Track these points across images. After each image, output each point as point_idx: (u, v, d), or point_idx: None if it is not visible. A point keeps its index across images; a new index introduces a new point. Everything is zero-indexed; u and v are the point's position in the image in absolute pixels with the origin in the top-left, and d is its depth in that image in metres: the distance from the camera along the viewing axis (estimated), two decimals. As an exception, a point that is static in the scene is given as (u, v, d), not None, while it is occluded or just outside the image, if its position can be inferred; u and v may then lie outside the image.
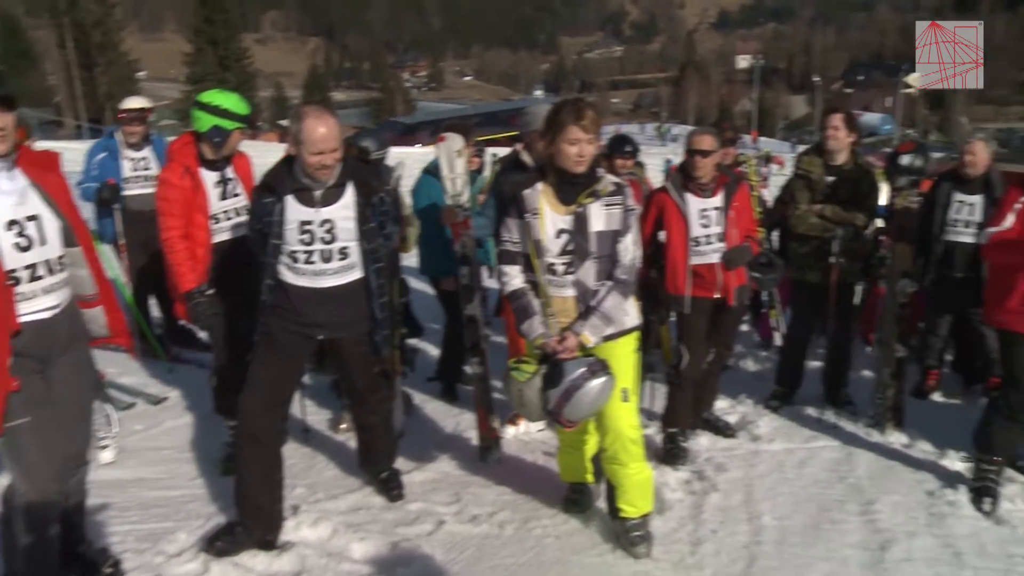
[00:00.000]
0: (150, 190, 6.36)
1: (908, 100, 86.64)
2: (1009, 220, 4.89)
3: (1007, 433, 5.01)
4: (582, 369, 3.87)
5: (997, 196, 5.95)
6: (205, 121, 4.81)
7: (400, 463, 5.11)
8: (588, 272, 4.01)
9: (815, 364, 6.90)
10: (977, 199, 6.45)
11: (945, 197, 6.64)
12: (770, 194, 10.63)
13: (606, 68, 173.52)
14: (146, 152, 7.28)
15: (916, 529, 4.71)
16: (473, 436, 5.62)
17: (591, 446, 4.54)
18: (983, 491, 5.02)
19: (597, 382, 3.86)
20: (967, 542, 4.60)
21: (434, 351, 7.05)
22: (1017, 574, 4.34)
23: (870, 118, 77.84)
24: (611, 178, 4.10)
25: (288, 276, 4.22)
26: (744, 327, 8.42)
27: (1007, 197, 5.00)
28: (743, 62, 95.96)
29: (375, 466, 4.96)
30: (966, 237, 6.41)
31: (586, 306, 4.02)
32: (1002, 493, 5.02)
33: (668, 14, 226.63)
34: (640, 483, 4.28)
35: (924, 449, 5.75)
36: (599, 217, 3.99)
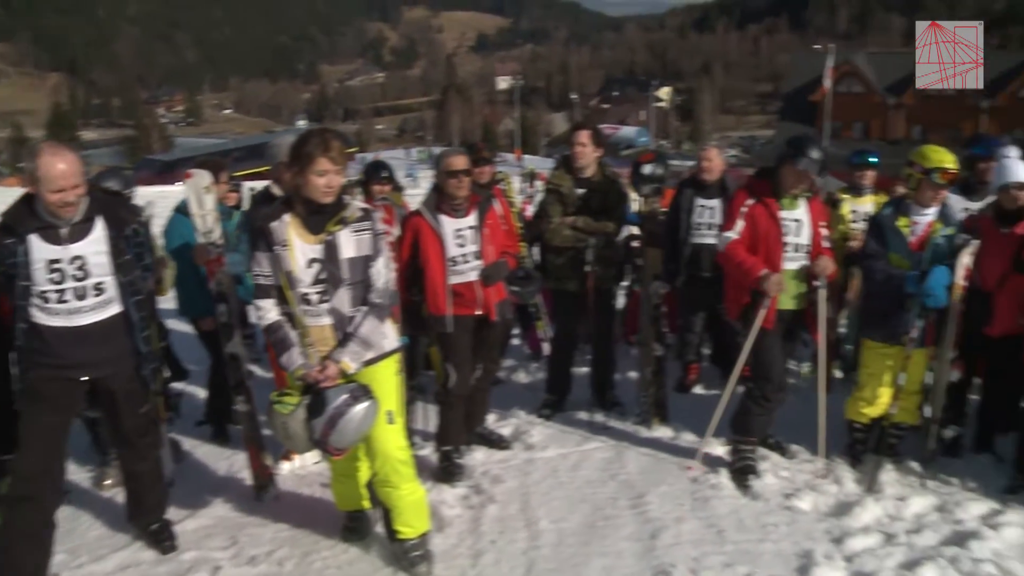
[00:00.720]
0: None
1: (660, 113, 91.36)
2: (739, 225, 5.28)
3: (763, 417, 5.46)
4: (344, 396, 3.86)
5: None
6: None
7: (171, 513, 4.89)
8: (343, 299, 4.00)
9: (583, 370, 7.14)
10: (716, 203, 6.87)
11: (688, 202, 7.04)
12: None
13: (369, 95, 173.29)
14: None
15: (683, 515, 5.00)
16: (247, 476, 5.46)
17: (364, 472, 4.51)
18: (744, 470, 5.43)
19: (360, 407, 3.87)
20: (728, 520, 4.95)
21: (201, 394, 6.80)
22: (771, 541, 4.71)
23: (626, 131, 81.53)
24: (358, 204, 4.12)
25: (41, 317, 4.04)
26: (515, 340, 8.63)
27: (735, 201, 5.40)
28: (503, 83, 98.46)
29: (145, 519, 4.73)
30: (710, 239, 6.74)
31: (344, 333, 4.02)
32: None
33: (427, 39, 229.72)
34: (414, 503, 4.30)
35: (688, 440, 6.08)
36: (349, 244, 4.00)
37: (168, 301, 6.12)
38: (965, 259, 5.24)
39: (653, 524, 4.88)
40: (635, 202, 6.82)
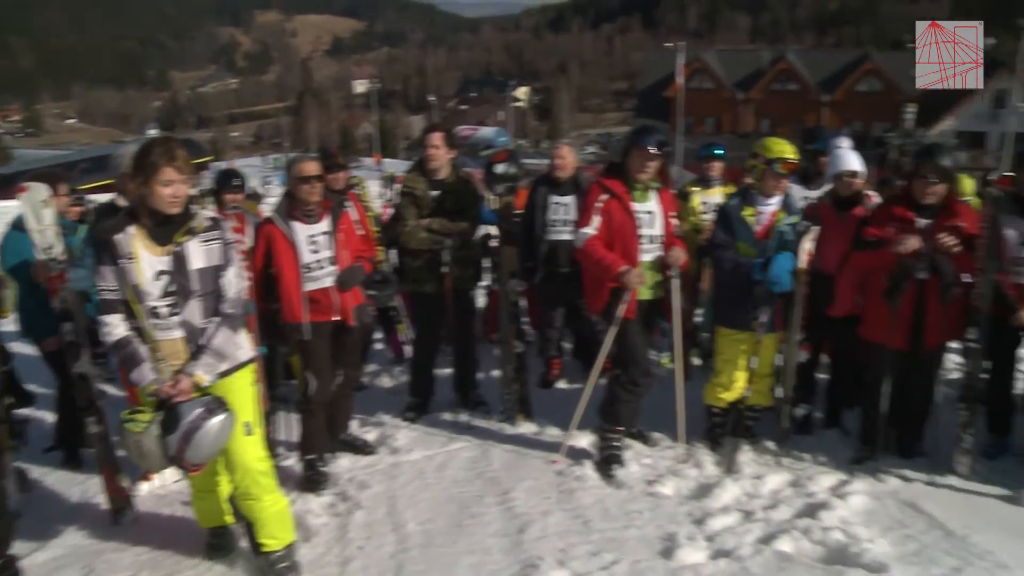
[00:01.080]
0: None
1: (519, 113, 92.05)
2: (595, 221, 5.40)
3: (632, 404, 5.60)
4: (199, 410, 3.78)
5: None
6: None
7: (18, 547, 4.64)
8: (193, 311, 3.92)
9: (446, 371, 7.15)
10: (570, 199, 6.99)
11: (543, 200, 7.14)
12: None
13: (222, 102, 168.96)
14: None
15: (549, 508, 5.09)
16: (103, 501, 5.26)
17: (224, 486, 4.42)
18: (609, 459, 5.57)
19: (216, 420, 3.79)
20: (593, 510, 5.07)
21: (50, 418, 6.51)
22: (635, 527, 4.86)
23: (485, 132, 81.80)
24: (206, 213, 4.04)
25: None
26: (378, 345, 8.59)
27: (588, 197, 5.52)
28: (360, 87, 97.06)
29: (-14, 556, 4.49)
30: (566, 235, 6.86)
31: (196, 346, 3.93)
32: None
33: (281, 43, 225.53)
34: (277, 514, 4.24)
35: (553, 434, 6.18)
36: (198, 254, 3.92)
37: (8, 323, 5.86)
38: (807, 245, 5.50)
39: (520, 519, 4.95)
40: (492, 201, 6.89)
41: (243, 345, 4.18)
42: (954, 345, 5.96)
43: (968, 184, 8.10)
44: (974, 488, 5.35)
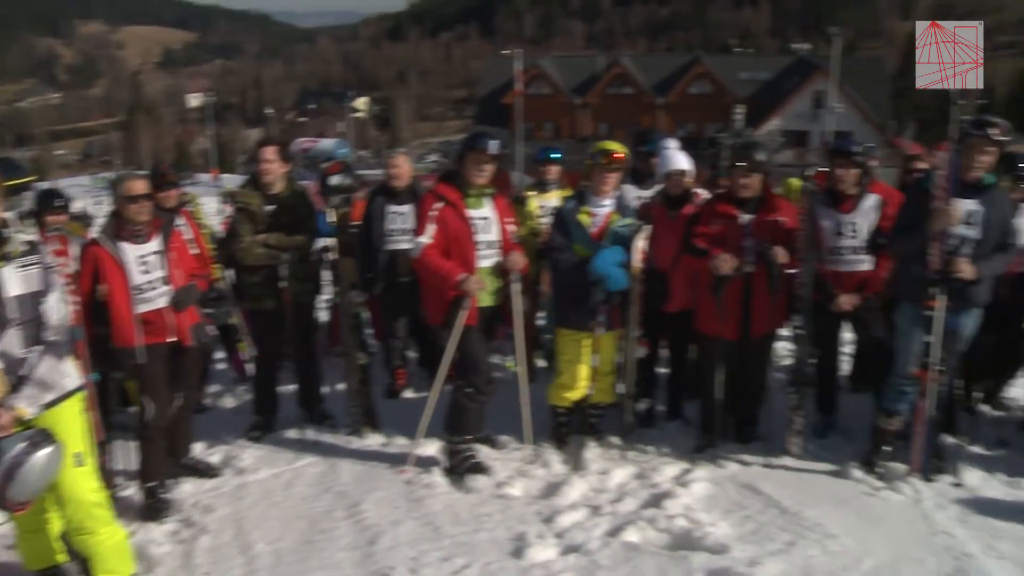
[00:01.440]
0: None
1: (359, 123, 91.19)
2: (430, 230, 5.43)
3: (477, 412, 5.65)
4: (22, 444, 3.58)
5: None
6: None
7: None
8: (12, 341, 3.73)
9: (291, 387, 7.03)
10: (407, 208, 7.01)
11: (380, 210, 7.15)
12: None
13: (44, 118, 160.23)
14: None
15: (399, 517, 5.11)
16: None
17: (55, 523, 4.20)
18: (472, 469, 5.61)
19: (42, 454, 3.61)
20: (443, 516, 5.13)
21: None
22: (485, 530, 4.94)
23: (326, 144, 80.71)
24: (23, 237, 3.85)
25: None
26: (220, 364, 8.38)
27: (423, 206, 5.55)
28: (194, 100, 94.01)
29: None
30: (405, 244, 6.83)
31: (17, 377, 3.74)
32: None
33: (107, 55, 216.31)
34: (115, 547, 4.10)
35: (401, 444, 6.18)
36: (15, 280, 3.73)
37: None
38: (640, 243, 5.70)
39: (370, 530, 4.95)
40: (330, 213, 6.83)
41: (70, 373, 4.00)
42: (784, 332, 6.27)
43: (797, 184, 8.53)
44: (806, 466, 5.71)
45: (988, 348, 6.02)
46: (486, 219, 5.59)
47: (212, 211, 12.49)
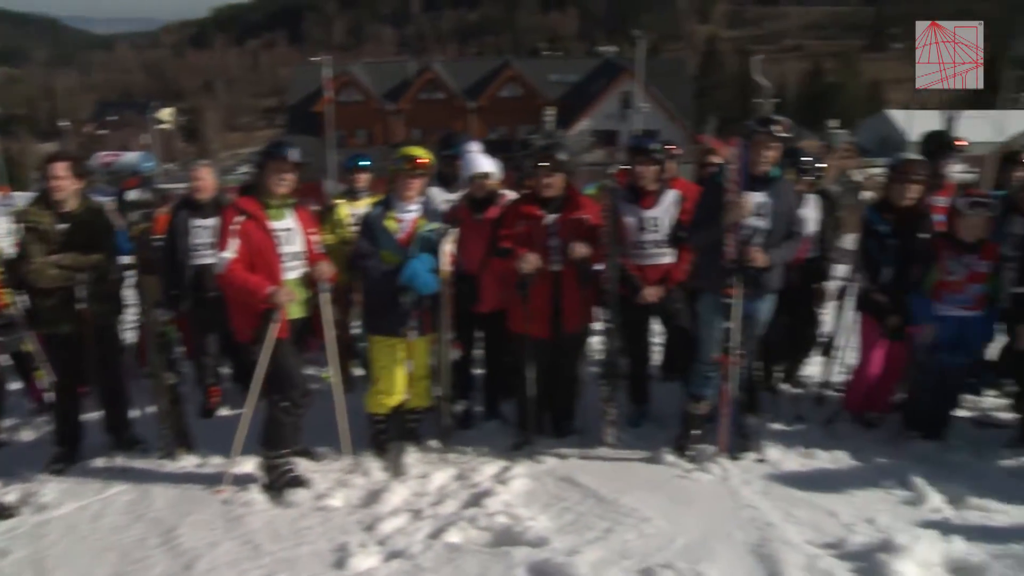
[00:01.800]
0: None
1: (164, 135, 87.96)
2: (233, 244, 5.30)
3: (293, 426, 5.59)
4: None
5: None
6: None
7: None
8: None
9: (97, 414, 6.63)
10: (212, 222, 6.76)
11: (184, 224, 6.93)
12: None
13: None
14: None
15: (217, 539, 4.97)
16: None
17: None
18: (292, 483, 5.51)
19: None
20: (263, 533, 5.03)
21: None
22: (307, 543, 4.88)
23: (129, 157, 77.37)
24: None
25: None
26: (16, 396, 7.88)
27: (224, 221, 5.41)
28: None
29: None
30: (211, 259, 6.61)
31: None
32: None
33: None
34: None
35: (216, 463, 6.02)
36: None
37: None
38: (448, 247, 5.75)
39: (186, 555, 4.79)
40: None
41: None
42: (597, 327, 6.44)
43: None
44: (621, 455, 5.93)
45: (783, 330, 6.39)
46: (289, 230, 5.51)
47: (3, 232, 11.76)
